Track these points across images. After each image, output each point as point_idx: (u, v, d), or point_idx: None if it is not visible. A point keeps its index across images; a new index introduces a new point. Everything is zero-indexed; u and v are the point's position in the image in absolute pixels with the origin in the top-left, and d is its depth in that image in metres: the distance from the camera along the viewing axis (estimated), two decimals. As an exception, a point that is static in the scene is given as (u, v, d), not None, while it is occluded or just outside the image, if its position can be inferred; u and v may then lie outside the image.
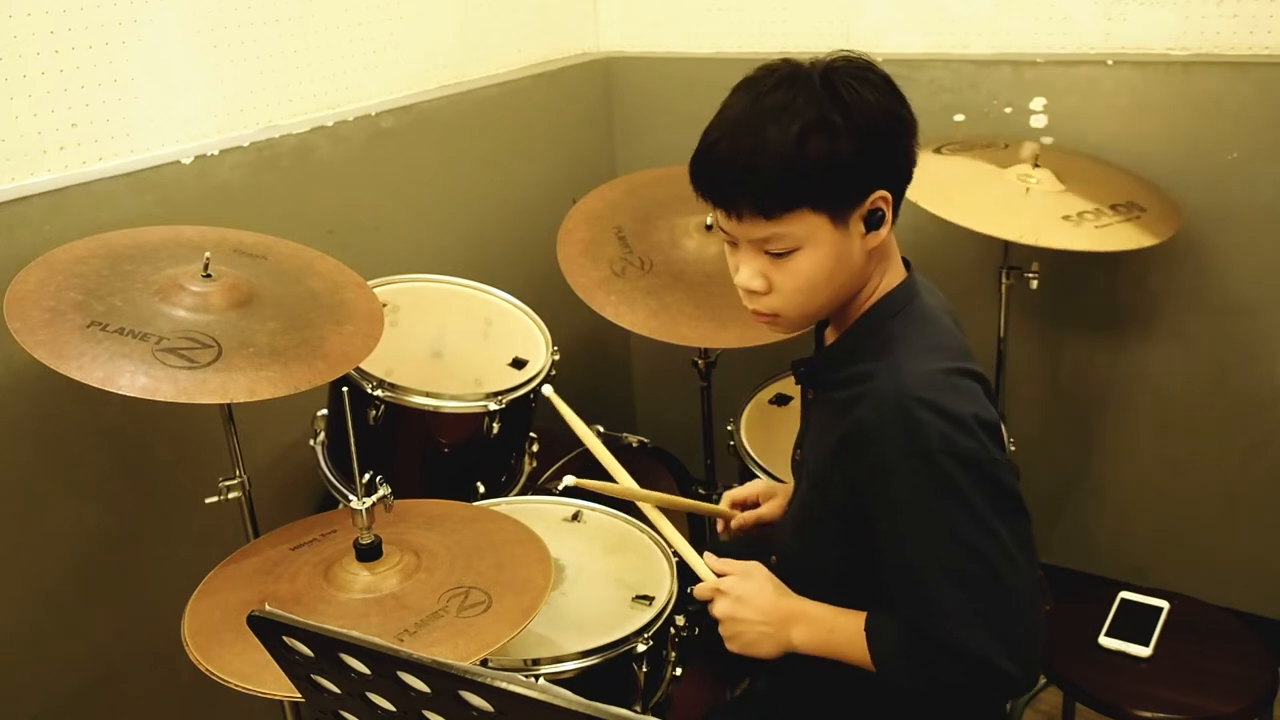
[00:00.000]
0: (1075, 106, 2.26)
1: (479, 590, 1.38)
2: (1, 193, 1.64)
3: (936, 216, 1.93)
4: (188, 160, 1.87)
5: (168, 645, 1.44)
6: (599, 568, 1.68)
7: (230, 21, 1.94)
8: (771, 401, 2.24)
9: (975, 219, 1.94)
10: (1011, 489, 1.19)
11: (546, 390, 1.71)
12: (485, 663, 1.31)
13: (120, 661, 1.86)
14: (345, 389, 1.51)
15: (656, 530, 1.51)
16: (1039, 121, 2.30)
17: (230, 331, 1.51)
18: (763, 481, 1.65)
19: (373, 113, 2.19)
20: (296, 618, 0.85)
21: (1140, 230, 1.97)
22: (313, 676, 0.91)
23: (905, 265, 1.34)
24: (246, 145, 1.96)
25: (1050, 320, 2.43)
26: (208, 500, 1.67)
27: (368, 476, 1.78)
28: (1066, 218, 1.96)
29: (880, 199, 1.22)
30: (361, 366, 1.74)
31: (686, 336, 1.95)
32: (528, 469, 2.00)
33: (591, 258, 2.08)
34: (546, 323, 2.05)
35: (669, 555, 1.65)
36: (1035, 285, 2.17)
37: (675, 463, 2.23)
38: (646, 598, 1.59)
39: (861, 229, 1.23)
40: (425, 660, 0.78)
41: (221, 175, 1.93)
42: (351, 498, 1.41)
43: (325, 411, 1.93)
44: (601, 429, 2.18)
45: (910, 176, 1.27)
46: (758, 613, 1.32)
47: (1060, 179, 2.07)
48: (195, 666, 1.29)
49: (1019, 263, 2.19)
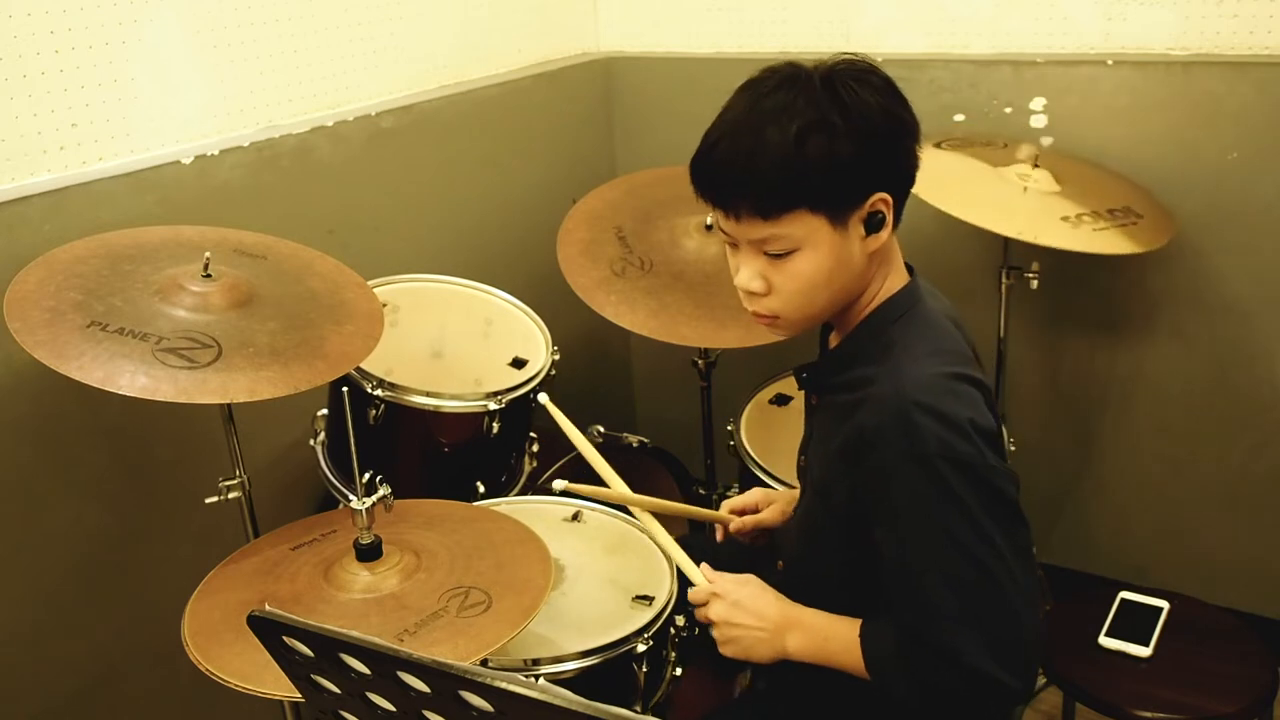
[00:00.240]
0: (1075, 106, 2.26)
1: (479, 590, 1.37)
2: (1, 193, 1.64)
3: (936, 217, 1.93)
4: (188, 160, 1.87)
5: (168, 645, 1.44)
6: (599, 568, 1.68)
7: (230, 21, 1.94)
8: (771, 401, 2.24)
9: (974, 213, 1.94)
10: (1009, 496, 1.19)
11: (542, 398, 1.71)
12: (485, 663, 1.31)
13: (120, 661, 1.86)
14: (345, 389, 1.51)
15: (651, 537, 1.51)
16: (1039, 121, 2.30)
17: (230, 331, 1.51)
18: (760, 489, 1.66)
19: (373, 113, 2.19)
20: (296, 618, 0.85)
21: (1133, 237, 1.97)
22: (313, 676, 0.91)
23: (909, 270, 1.33)
24: (246, 145, 1.96)
25: (1050, 320, 2.43)
26: (208, 500, 1.67)
27: (368, 476, 1.78)
28: (1065, 218, 1.96)
29: (880, 201, 1.21)
30: (361, 366, 1.74)
31: (686, 336, 1.95)
32: (528, 469, 2.00)
33: (591, 258, 2.08)
34: (546, 323, 2.05)
35: (669, 557, 1.65)
36: (1035, 285, 2.18)
37: (675, 463, 2.23)
38: (646, 598, 1.59)
39: (861, 231, 1.23)
40: (425, 660, 0.78)
41: (221, 175, 1.93)
42: (351, 498, 1.41)
43: (325, 411, 1.93)
44: (601, 429, 2.19)
45: (912, 180, 1.26)
46: (753, 617, 1.32)
47: (1058, 180, 2.07)
48: (195, 666, 1.29)
49: (1019, 263, 2.19)
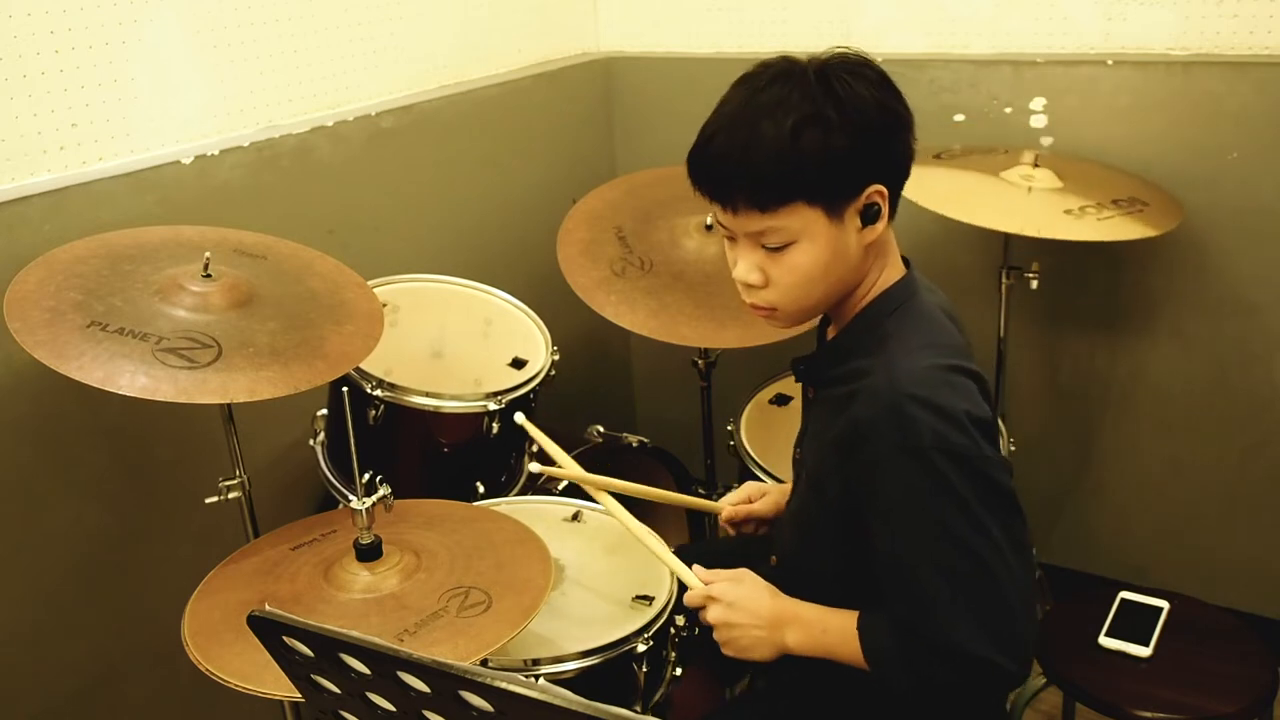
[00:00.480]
0: (1075, 106, 2.26)
1: (479, 590, 1.37)
2: (1, 193, 1.64)
3: (936, 216, 1.93)
4: (188, 160, 1.87)
5: (168, 645, 1.44)
6: (599, 568, 1.68)
7: (230, 21, 1.94)
8: (771, 401, 2.24)
9: (975, 214, 1.94)
10: (1004, 487, 1.19)
11: (519, 418, 1.72)
12: (485, 663, 1.31)
13: (120, 661, 1.86)
14: (345, 389, 1.51)
15: (641, 541, 1.51)
16: (1039, 121, 2.30)
17: (230, 331, 1.51)
18: (753, 483, 1.66)
19: (373, 113, 2.19)
20: (296, 618, 0.85)
21: (1143, 222, 1.95)
22: (313, 676, 0.91)
23: (905, 264, 1.34)
24: (246, 145, 1.96)
25: (1050, 320, 2.43)
26: (208, 500, 1.67)
27: (368, 476, 1.78)
28: (1068, 211, 1.95)
29: (876, 193, 1.22)
30: (361, 366, 1.74)
31: (686, 336, 1.95)
32: (527, 469, 2.00)
33: (591, 258, 2.08)
34: (546, 323, 2.05)
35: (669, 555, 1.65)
36: (1035, 285, 2.17)
37: (675, 463, 2.23)
38: (646, 598, 1.59)
39: (857, 223, 1.23)
40: (425, 660, 0.78)
41: (221, 175, 1.93)
42: (351, 498, 1.41)
43: (325, 411, 1.93)
44: (601, 429, 2.19)
45: (907, 172, 1.27)
46: (751, 616, 1.32)
47: (1060, 178, 2.06)
48: (195, 666, 1.29)
49: (1019, 263, 2.19)
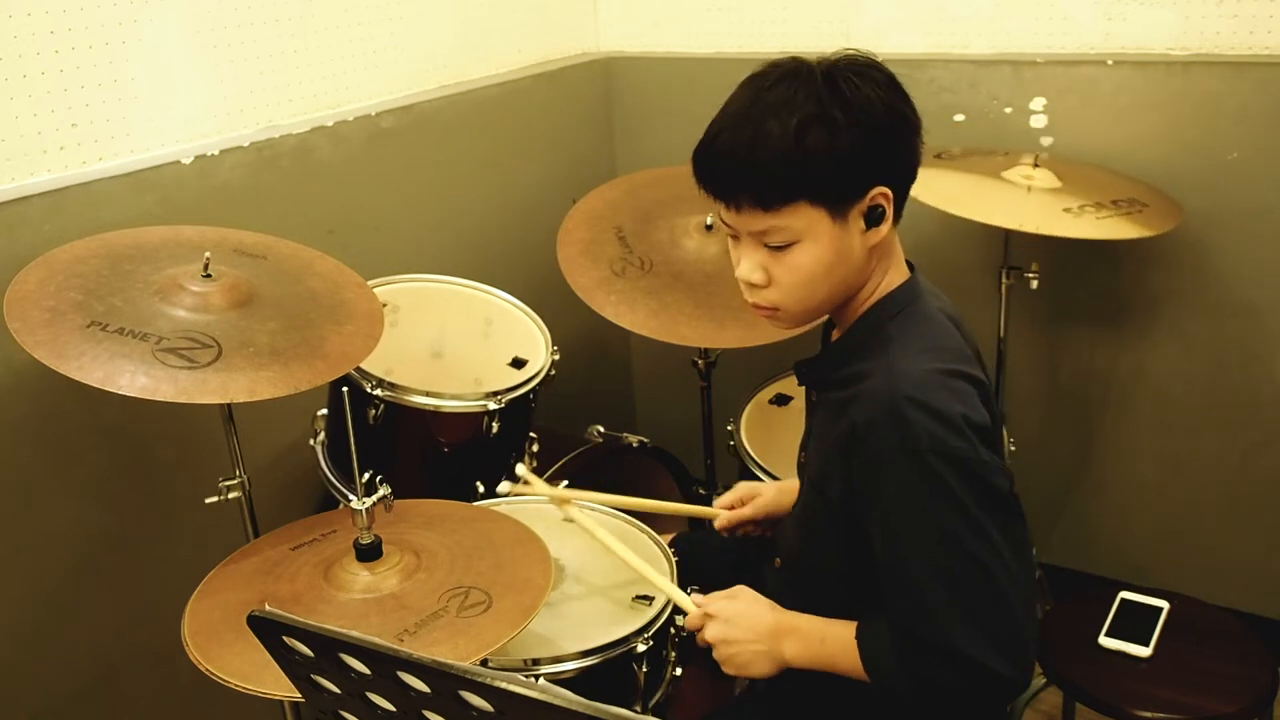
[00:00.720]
0: (1075, 106, 2.26)
1: (479, 590, 1.37)
2: (1, 193, 1.64)
3: (937, 216, 1.93)
4: (188, 160, 1.87)
5: (168, 645, 1.43)
6: (599, 568, 1.68)
7: (230, 21, 1.93)
8: (771, 401, 2.24)
9: (975, 211, 1.94)
10: (1002, 491, 1.19)
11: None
12: (485, 663, 1.31)
13: (120, 661, 1.86)
14: (345, 389, 1.51)
15: (638, 571, 1.51)
16: (1039, 121, 2.30)
17: (230, 331, 1.51)
18: (746, 483, 1.66)
19: (373, 113, 2.19)
20: (296, 618, 0.85)
21: (1142, 223, 1.96)
22: (313, 676, 0.91)
23: (910, 268, 1.34)
24: (246, 145, 1.96)
25: (1050, 320, 2.43)
26: (208, 500, 1.67)
27: (368, 476, 1.78)
28: (1068, 210, 1.96)
29: (881, 195, 1.22)
30: (361, 366, 1.74)
31: (686, 336, 1.95)
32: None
33: (591, 258, 2.08)
34: (546, 323, 2.05)
35: (669, 555, 1.65)
36: (1035, 285, 2.17)
37: (675, 463, 2.23)
38: (646, 598, 1.59)
39: (862, 225, 1.23)
40: (425, 660, 0.78)
41: (221, 175, 1.93)
42: (351, 498, 1.41)
43: (325, 411, 1.93)
44: (601, 429, 2.19)
45: (914, 175, 1.27)
46: (749, 632, 1.33)
47: (1059, 178, 2.07)
48: (195, 666, 1.29)
49: (1019, 263, 2.19)
